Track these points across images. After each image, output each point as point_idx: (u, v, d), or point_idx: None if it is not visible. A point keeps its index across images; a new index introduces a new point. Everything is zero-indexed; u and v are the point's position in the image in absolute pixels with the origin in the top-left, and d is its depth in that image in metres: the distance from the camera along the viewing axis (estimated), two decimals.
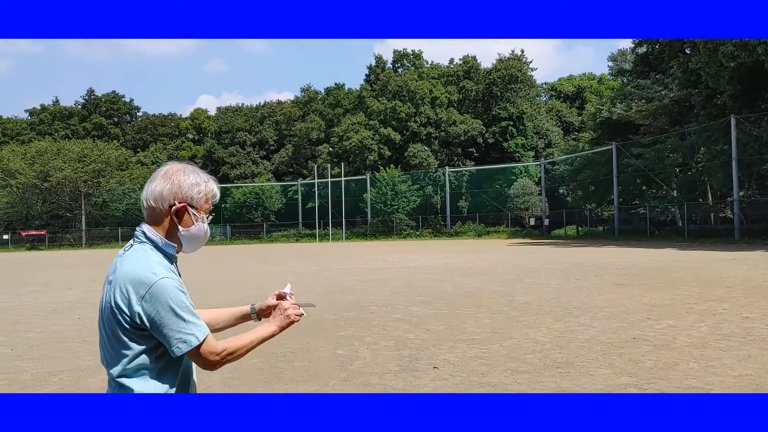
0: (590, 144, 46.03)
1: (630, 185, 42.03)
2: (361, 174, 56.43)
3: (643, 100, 37.03)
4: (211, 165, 69.01)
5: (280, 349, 6.90)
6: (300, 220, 58.59)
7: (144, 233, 1.98)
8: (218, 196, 2.18)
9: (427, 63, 67.32)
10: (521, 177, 52.74)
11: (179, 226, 2.02)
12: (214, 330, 2.28)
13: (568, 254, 23.80)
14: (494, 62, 61.70)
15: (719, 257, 19.68)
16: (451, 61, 66.85)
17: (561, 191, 55.24)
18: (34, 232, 51.82)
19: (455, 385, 5.24)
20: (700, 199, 36.88)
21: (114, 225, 55.89)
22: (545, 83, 75.47)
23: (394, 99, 58.03)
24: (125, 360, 1.88)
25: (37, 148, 55.53)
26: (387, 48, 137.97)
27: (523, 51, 63.14)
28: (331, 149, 59.83)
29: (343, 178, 53.95)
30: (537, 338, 7.17)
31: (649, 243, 31.65)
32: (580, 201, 48.46)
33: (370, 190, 53.44)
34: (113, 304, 1.86)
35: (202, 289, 13.87)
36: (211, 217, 2.17)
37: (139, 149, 72.66)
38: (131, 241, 2.01)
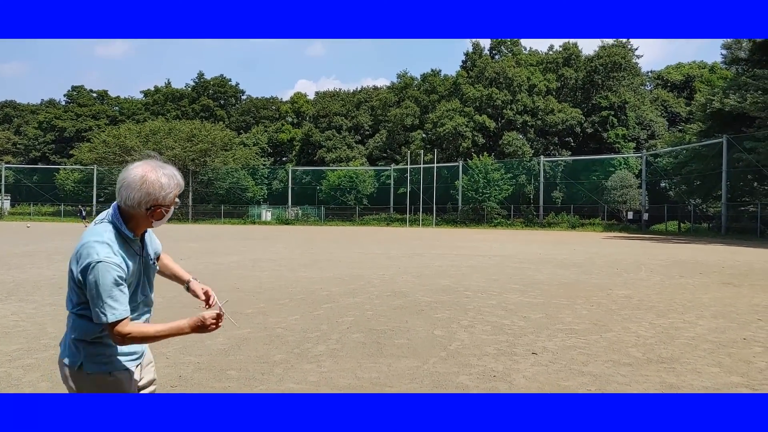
0: (698, 136, 43.49)
1: (740, 181, 39.47)
2: (453, 161, 56.24)
3: (760, 91, 34.58)
4: (308, 148, 71.02)
5: (380, 326, 7.20)
6: (391, 204, 59.25)
7: (112, 215, 2.42)
8: (182, 187, 2.52)
9: (525, 50, 65.84)
10: (620, 169, 50.73)
11: (153, 221, 2.45)
12: (160, 273, 2.85)
13: (670, 250, 22.81)
14: (596, 49, 59.52)
15: None
16: (551, 47, 65.08)
17: (663, 185, 52.70)
18: None
19: (555, 371, 5.31)
20: None
21: (217, 202, 58.81)
22: (651, 71, 71.89)
23: (490, 86, 57.26)
24: (75, 300, 2.38)
25: (151, 127, 59.25)
26: None
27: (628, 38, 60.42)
28: (424, 135, 59.94)
29: (435, 165, 53.98)
30: (639, 332, 7.07)
31: (759, 243, 29.72)
32: (684, 196, 46.03)
33: (462, 178, 53.17)
34: (70, 259, 2.37)
35: (303, 266, 14.49)
36: (178, 202, 2.54)
37: (242, 131, 75.75)
38: (103, 214, 2.48)
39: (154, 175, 2.39)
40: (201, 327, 2.39)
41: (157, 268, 2.78)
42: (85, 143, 63.39)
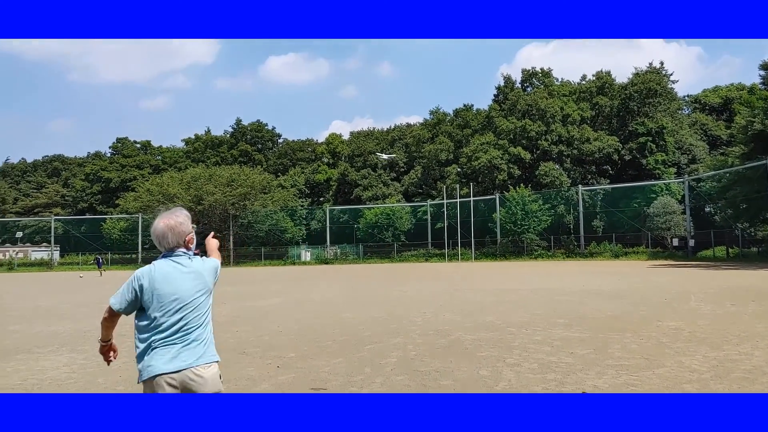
0: (741, 159, 42.41)
1: None
2: (490, 194, 56.01)
3: None
4: (344, 187, 71.74)
5: (425, 367, 7.14)
6: (429, 240, 59.11)
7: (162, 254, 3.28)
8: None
9: (557, 80, 65.80)
10: (662, 195, 49.70)
11: (189, 249, 3.30)
12: None
13: (719, 277, 22.12)
14: (630, 76, 59.08)
15: None
16: (583, 77, 64.92)
17: (707, 209, 51.35)
18: None
19: None
20: None
21: (258, 244, 59.60)
22: (688, 95, 70.89)
23: (523, 118, 57.23)
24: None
25: (192, 174, 60.82)
26: (515, 68, 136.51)
27: (662, 63, 60.10)
28: (459, 170, 59.99)
29: (472, 198, 53.84)
30: (693, 367, 6.84)
31: None
32: (730, 220, 44.72)
33: (500, 210, 52.85)
34: (203, 279, 3.30)
35: (345, 306, 14.52)
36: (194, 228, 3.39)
37: (279, 173, 77.11)
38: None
39: (181, 219, 3.30)
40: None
41: None
42: (130, 192, 65.35)
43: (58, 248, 68.20)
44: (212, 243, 3.64)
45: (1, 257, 68.14)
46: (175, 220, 3.21)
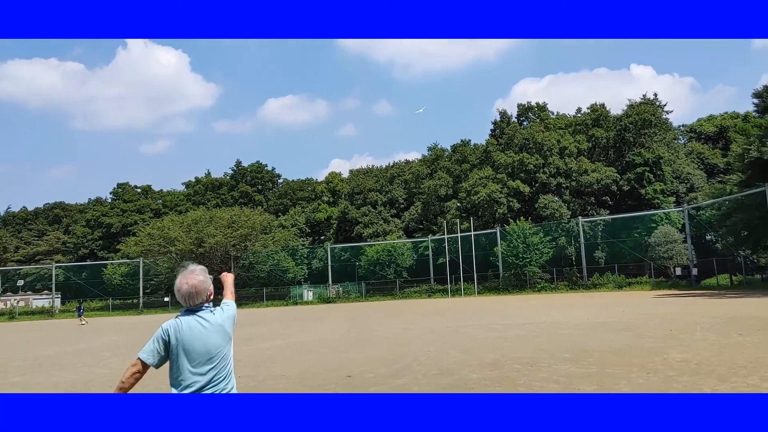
0: (739, 186, 42.53)
1: None
2: (490, 228, 56.03)
3: None
4: (345, 225, 71.83)
5: None
6: (431, 275, 58.88)
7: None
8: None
9: (553, 114, 66.49)
10: (662, 224, 49.69)
11: (210, 302, 3.57)
12: None
13: (724, 306, 21.98)
14: (624, 108, 59.72)
15: None
16: (578, 110, 65.58)
17: (709, 237, 51.27)
18: None
19: None
20: None
21: (259, 285, 59.33)
22: (683, 125, 71.53)
23: (521, 151, 57.63)
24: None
25: (193, 216, 60.81)
26: (510, 102, 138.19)
27: (656, 94, 60.74)
28: (459, 204, 60.12)
29: (472, 233, 53.83)
30: None
31: None
32: (732, 248, 44.61)
33: (501, 244, 52.76)
34: (225, 329, 3.62)
35: (347, 346, 14.40)
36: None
37: (280, 213, 77.25)
38: None
39: (202, 277, 3.58)
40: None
41: None
42: (131, 237, 65.29)
43: (60, 295, 67.86)
44: (227, 279, 4.00)
45: (2, 306, 67.73)
46: (197, 278, 3.48)
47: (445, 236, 55.18)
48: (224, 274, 4.04)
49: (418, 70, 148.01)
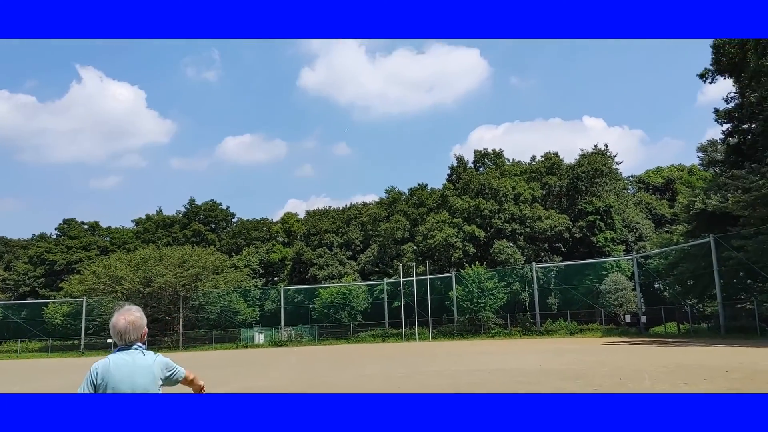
0: (685, 237, 43.99)
1: (733, 279, 39.39)
2: (446, 272, 56.18)
3: (740, 191, 35.42)
4: (299, 267, 70.98)
5: None
6: (386, 319, 58.38)
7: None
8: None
9: (508, 161, 67.99)
10: (612, 272, 50.79)
11: (144, 343, 3.66)
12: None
13: (672, 354, 22.32)
14: (577, 157, 61.55)
15: None
16: (533, 158, 67.28)
17: (657, 286, 52.58)
18: None
19: None
20: None
21: (209, 327, 57.69)
22: (632, 176, 74.09)
23: (477, 197, 58.48)
24: None
25: (141, 255, 59.05)
26: (467, 148, 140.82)
27: (606, 145, 62.88)
28: (415, 248, 60.28)
29: (428, 276, 53.85)
30: None
31: (760, 342, 29.21)
32: (679, 296, 45.80)
33: (456, 288, 52.89)
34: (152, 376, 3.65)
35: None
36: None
37: (233, 253, 75.92)
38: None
39: (138, 315, 3.72)
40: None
41: None
42: (75, 275, 62.92)
43: None
44: (194, 384, 4.05)
45: None
46: (134, 315, 3.61)
47: (401, 279, 55.06)
48: (195, 384, 4.08)
49: (378, 113, 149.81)
